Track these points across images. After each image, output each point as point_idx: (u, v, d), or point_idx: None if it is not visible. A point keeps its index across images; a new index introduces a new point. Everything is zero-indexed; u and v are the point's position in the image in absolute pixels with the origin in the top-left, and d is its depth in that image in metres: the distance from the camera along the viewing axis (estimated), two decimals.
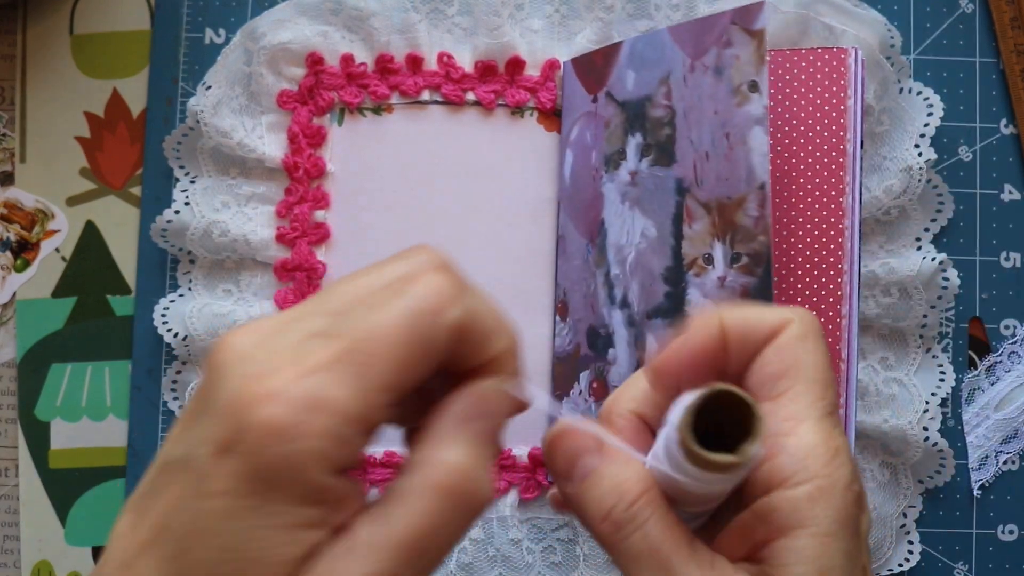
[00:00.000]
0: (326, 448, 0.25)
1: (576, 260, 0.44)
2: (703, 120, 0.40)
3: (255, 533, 0.25)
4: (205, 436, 0.25)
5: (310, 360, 0.25)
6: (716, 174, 0.40)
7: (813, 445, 0.27)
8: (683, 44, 0.41)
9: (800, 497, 0.26)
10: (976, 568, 0.46)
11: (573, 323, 0.44)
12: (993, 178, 0.47)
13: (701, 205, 0.40)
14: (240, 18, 0.48)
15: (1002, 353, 0.47)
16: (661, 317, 0.41)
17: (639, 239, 0.42)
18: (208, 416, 0.25)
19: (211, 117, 0.45)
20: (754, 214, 0.39)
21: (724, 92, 0.40)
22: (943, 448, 0.45)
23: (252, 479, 0.25)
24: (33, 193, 0.48)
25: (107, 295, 0.48)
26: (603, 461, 0.29)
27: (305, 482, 0.25)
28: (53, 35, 0.49)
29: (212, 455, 0.25)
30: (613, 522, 0.28)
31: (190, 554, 0.26)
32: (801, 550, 0.26)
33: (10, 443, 0.48)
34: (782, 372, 0.28)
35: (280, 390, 0.24)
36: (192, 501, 0.25)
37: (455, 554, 0.45)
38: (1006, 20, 0.47)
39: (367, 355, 0.25)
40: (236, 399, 0.25)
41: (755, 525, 0.27)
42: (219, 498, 0.25)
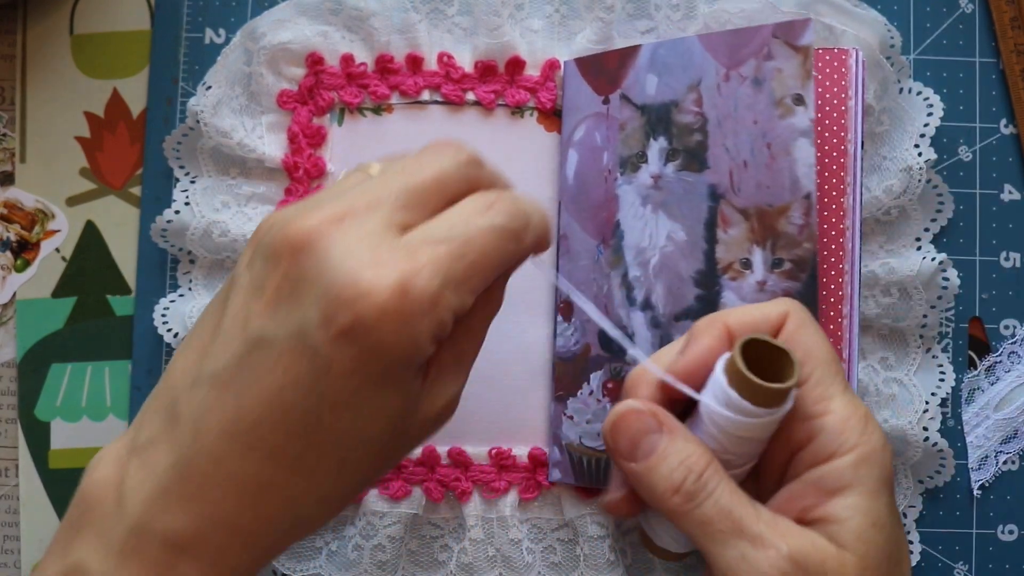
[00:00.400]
0: (436, 331, 0.29)
1: (583, 260, 0.44)
2: (740, 129, 0.41)
3: (381, 400, 0.30)
4: (316, 322, 0.28)
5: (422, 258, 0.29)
6: (756, 182, 0.41)
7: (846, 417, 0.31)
8: (716, 53, 0.42)
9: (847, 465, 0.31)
10: (976, 568, 0.46)
11: (580, 323, 0.44)
12: (993, 178, 0.47)
13: (738, 211, 0.41)
14: (240, 18, 0.48)
15: (1002, 353, 0.47)
16: (691, 319, 0.41)
17: (664, 242, 0.42)
18: (313, 301, 0.28)
19: (211, 117, 0.45)
20: (799, 222, 0.40)
21: (765, 103, 0.41)
22: (943, 448, 0.45)
23: (374, 361, 0.28)
24: (33, 193, 0.48)
25: (107, 295, 0.48)
26: (665, 439, 0.32)
27: (420, 356, 0.29)
28: (53, 35, 0.49)
29: (331, 340, 0.28)
30: (685, 493, 0.31)
31: (322, 426, 0.29)
32: (855, 506, 0.30)
33: (10, 443, 0.48)
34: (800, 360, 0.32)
35: (399, 284, 0.28)
36: (315, 381, 0.29)
37: (455, 554, 0.45)
38: (1006, 20, 0.47)
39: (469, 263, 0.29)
40: (352, 289, 0.28)
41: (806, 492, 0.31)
42: (344, 378, 0.29)
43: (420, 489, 0.45)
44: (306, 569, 0.45)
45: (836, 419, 0.31)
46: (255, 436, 0.29)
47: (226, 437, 0.29)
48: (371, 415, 0.30)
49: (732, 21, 0.45)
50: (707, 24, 0.45)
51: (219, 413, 0.29)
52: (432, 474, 0.45)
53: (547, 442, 0.46)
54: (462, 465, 0.45)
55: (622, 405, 0.32)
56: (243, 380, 0.29)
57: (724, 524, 0.31)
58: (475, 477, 0.45)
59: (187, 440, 0.30)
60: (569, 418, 0.44)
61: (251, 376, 0.29)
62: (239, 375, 0.29)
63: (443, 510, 0.45)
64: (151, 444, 0.31)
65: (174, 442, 0.30)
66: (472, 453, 0.45)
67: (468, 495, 0.45)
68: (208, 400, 0.30)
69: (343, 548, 0.45)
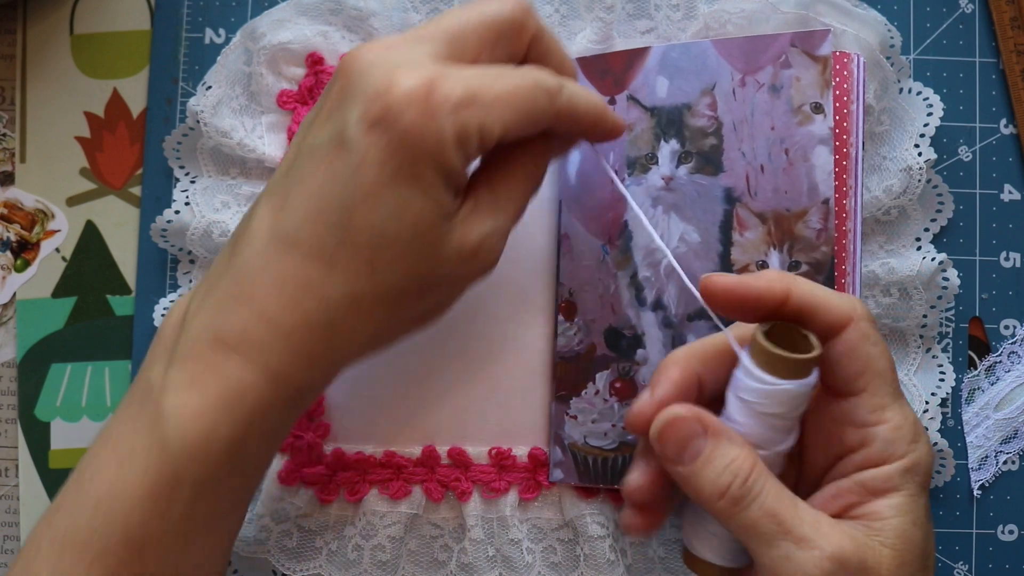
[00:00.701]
0: (460, 136, 0.32)
1: (587, 260, 0.45)
2: (757, 134, 0.42)
3: (409, 196, 0.32)
4: (354, 118, 0.32)
5: (451, 72, 0.32)
6: (773, 186, 0.41)
7: (899, 426, 0.33)
8: (731, 58, 0.42)
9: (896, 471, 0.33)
10: (976, 568, 0.46)
11: (584, 323, 0.44)
12: (993, 178, 0.47)
13: (755, 214, 0.42)
14: (240, 18, 0.48)
15: (1002, 353, 0.47)
16: (705, 319, 0.42)
17: (677, 243, 0.43)
18: (353, 102, 0.32)
19: (211, 117, 0.45)
20: (817, 226, 0.41)
21: (782, 110, 0.42)
22: (943, 448, 0.45)
23: (403, 150, 0.31)
24: (33, 193, 0.48)
25: (107, 295, 0.48)
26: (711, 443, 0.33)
27: (445, 160, 0.32)
28: (53, 35, 0.49)
29: (365, 132, 0.31)
30: (732, 498, 0.32)
31: (354, 219, 0.32)
32: (898, 507, 0.32)
33: (10, 443, 0.48)
34: (859, 372, 0.34)
35: (428, 79, 0.31)
36: (350, 174, 0.32)
37: (455, 554, 0.45)
38: (1006, 20, 0.47)
39: (496, 93, 0.32)
40: (386, 83, 0.31)
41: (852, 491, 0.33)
42: (376, 168, 0.31)
43: (420, 489, 0.45)
44: (306, 569, 0.45)
45: (889, 428, 0.33)
46: (297, 235, 0.32)
47: (274, 239, 0.33)
48: (398, 212, 0.32)
49: (732, 21, 0.45)
50: (707, 24, 0.45)
51: (267, 218, 0.33)
52: (432, 474, 0.45)
53: (547, 442, 0.46)
54: (462, 465, 0.45)
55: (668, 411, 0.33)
56: (291, 185, 0.33)
57: (769, 526, 0.32)
58: (475, 477, 0.45)
59: (243, 248, 0.33)
60: (572, 418, 0.44)
61: (298, 180, 0.33)
62: (288, 182, 0.33)
63: (443, 510, 0.45)
64: (216, 265, 0.35)
65: (230, 259, 0.34)
66: (472, 453, 0.45)
67: (468, 495, 0.45)
68: (259, 210, 0.34)
69: (343, 548, 0.45)
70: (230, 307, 0.33)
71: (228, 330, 0.33)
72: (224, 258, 0.35)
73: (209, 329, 0.33)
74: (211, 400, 0.32)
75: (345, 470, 0.45)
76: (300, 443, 0.45)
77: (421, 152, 0.31)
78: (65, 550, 0.33)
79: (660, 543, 0.45)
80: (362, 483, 0.45)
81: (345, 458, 0.45)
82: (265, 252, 0.33)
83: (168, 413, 0.32)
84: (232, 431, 0.33)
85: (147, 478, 0.32)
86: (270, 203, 0.33)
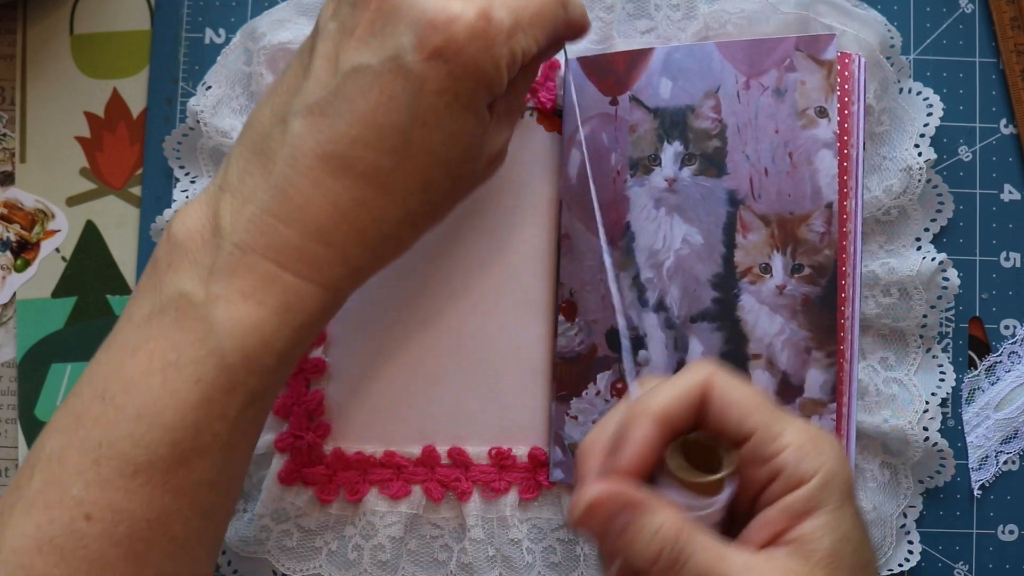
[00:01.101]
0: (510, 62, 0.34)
1: (587, 261, 0.45)
2: (761, 137, 0.42)
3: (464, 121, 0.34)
4: (409, 45, 0.33)
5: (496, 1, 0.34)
6: (777, 189, 0.42)
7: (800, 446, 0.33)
8: (735, 61, 0.43)
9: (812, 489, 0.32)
10: (976, 568, 0.46)
11: (585, 324, 0.44)
12: (993, 178, 0.47)
13: (758, 217, 0.42)
14: (240, 18, 0.48)
15: (1002, 353, 0.47)
16: (707, 321, 0.42)
17: (680, 245, 0.43)
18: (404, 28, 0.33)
19: (211, 117, 0.45)
20: (820, 230, 0.41)
21: (787, 113, 0.42)
22: (943, 448, 0.45)
23: (464, 80, 0.33)
24: (33, 193, 0.48)
25: (107, 295, 0.48)
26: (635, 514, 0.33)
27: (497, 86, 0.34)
28: (53, 35, 0.49)
29: (424, 60, 0.33)
30: (664, 564, 0.32)
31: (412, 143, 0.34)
32: (824, 525, 0.32)
33: (10, 443, 0.48)
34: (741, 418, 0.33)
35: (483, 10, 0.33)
36: (409, 100, 0.33)
37: (455, 554, 0.45)
38: (1006, 20, 0.47)
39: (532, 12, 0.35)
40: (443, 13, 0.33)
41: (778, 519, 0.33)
42: (435, 96, 0.33)
43: (420, 489, 0.45)
44: (306, 569, 0.45)
45: (792, 452, 0.33)
46: (351, 156, 0.34)
47: (324, 159, 0.34)
48: (454, 136, 0.35)
49: (732, 21, 0.45)
50: (707, 24, 0.45)
51: (315, 138, 0.34)
52: (432, 474, 0.45)
53: (547, 442, 0.45)
54: (462, 465, 0.45)
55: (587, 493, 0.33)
56: (339, 106, 0.34)
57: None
58: (475, 477, 0.45)
59: (283, 167, 0.34)
60: (573, 418, 0.44)
61: (347, 101, 0.33)
62: (334, 103, 0.34)
63: (443, 510, 0.45)
64: (243, 179, 0.35)
65: (269, 172, 0.34)
66: (472, 453, 0.45)
67: (468, 495, 0.45)
68: (303, 129, 0.34)
69: (343, 548, 0.45)
70: (278, 224, 0.34)
71: (282, 246, 0.34)
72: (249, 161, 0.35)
73: (258, 244, 0.34)
74: (268, 313, 0.34)
75: (345, 470, 0.45)
76: (300, 443, 0.45)
77: (480, 81, 0.34)
78: (102, 461, 0.32)
79: None
80: (362, 483, 0.45)
81: (345, 458, 0.45)
82: (314, 172, 0.34)
83: (222, 325, 0.33)
84: (286, 342, 0.34)
85: (199, 388, 0.33)
86: (312, 123, 0.34)
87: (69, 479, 0.33)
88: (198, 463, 0.33)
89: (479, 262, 0.46)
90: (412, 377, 0.46)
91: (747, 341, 0.42)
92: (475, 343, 0.46)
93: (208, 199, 0.35)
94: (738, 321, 0.42)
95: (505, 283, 0.46)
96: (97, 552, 0.32)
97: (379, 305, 0.46)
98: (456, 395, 0.46)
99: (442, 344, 0.46)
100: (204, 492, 0.34)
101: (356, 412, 0.46)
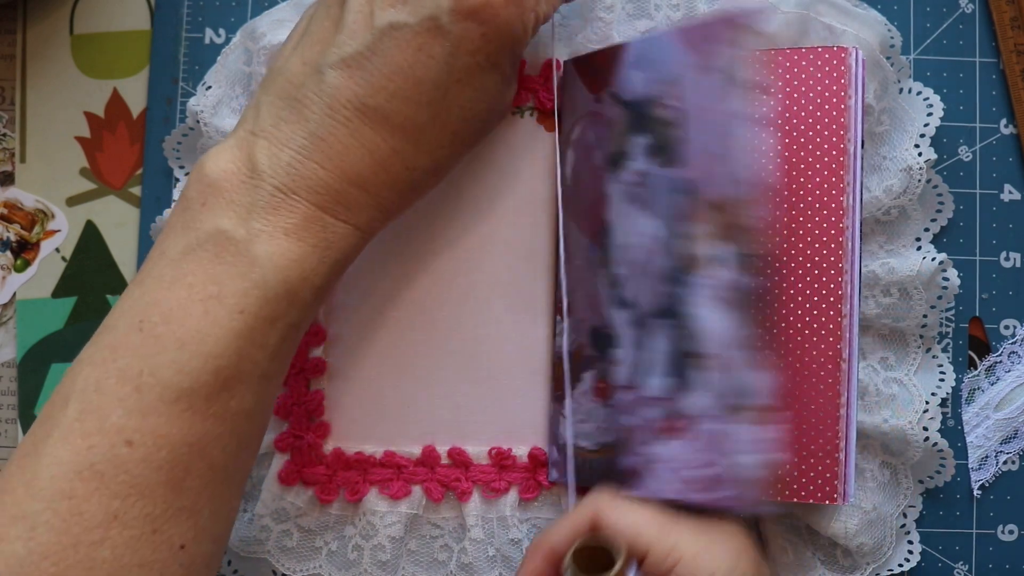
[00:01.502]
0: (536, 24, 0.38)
1: (577, 260, 0.44)
2: (714, 122, 0.40)
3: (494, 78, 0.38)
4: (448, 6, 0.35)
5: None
6: (726, 176, 0.40)
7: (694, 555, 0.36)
8: (691, 45, 0.41)
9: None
10: (976, 568, 0.46)
11: (574, 323, 0.44)
12: (993, 178, 0.47)
13: (711, 206, 0.40)
14: (240, 18, 0.48)
15: (1002, 353, 0.47)
16: (665, 318, 0.41)
17: (646, 239, 0.42)
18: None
19: (211, 117, 0.45)
20: (760, 214, 0.39)
21: (733, 94, 0.40)
22: (943, 448, 0.45)
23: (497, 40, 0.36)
24: (33, 193, 0.48)
25: (107, 295, 0.48)
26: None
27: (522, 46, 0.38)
28: (53, 35, 0.49)
29: (461, 20, 0.35)
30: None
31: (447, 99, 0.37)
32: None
33: (10, 443, 0.48)
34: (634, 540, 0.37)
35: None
36: (446, 58, 0.36)
37: (455, 554, 0.45)
38: (1006, 20, 0.47)
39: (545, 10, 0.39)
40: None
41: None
42: (470, 56, 0.36)
43: (420, 489, 0.45)
44: (306, 569, 0.45)
45: (689, 559, 0.36)
46: (389, 109, 0.36)
47: (361, 110, 0.36)
48: (483, 92, 0.38)
49: None
50: None
51: (353, 90, 0.36)
52: (432, 474, 0.45)
53: (547, 442, 0.46)
54: (462, 465, 0.45)
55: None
56: (377, 60, 0.36)
57: None
58: (475, 477, 0.45)
59: (320, 116, 0.36)
60: (565, 418, 0.44)
61: (384, 56, 0.36)
62: (372, 57, 0.36)
63: (443, 510, 0.45)
64: (278, 125, 0.36)
65: (306, 119, 0.36)
66: (472, 453, 0.45)
67: (468, 495, 0.45)
68: (340, 81, 0.36)
69: (343, 548, 0.45)
70: (318, 168, 0.36)
71: (322, 189, 0.36)
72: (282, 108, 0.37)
73: (299, 187, 0.36)
74: (309, 249, 0.36)
75: (345, 470, 0.45)
76: (300, 443, 0.45)
77: (510, 42, 0.37)
78: (143, 388, 0.33)
79: None
80: (362, 483, 0.45)
81: (345, 458, 0.45)
82: (352, 122, 0.36)
83: (264, 260, 0.35)
84: (323, 278, 0.37)
85: (243, 319, 0.34)
86: (349, 75, 0.36)
87: (108, 407, 0.33)
88: (238, 390, 0.35)
89: (479, 262, 0.46)
90: (412, 377, 0.46)
91: (699, 340, 0.40)
92: (475, 343, 0.46)
93: (240, 143, 0.37)
94: (691, 318, 0.40)
95: (505, 283, 0.46)
96: (139, 477, 0.33)
97: (379, 305, 0.46)
98: (456, 395, 0.46)
99: (442, 344, 0.46)
100: (241, 420, 0.35)
101: (356, 412, 0.46)
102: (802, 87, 0.42)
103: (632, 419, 0.42)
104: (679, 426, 0.40)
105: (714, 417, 0.39)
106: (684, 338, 0.40)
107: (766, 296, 0.40)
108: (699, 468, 0.40)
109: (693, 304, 0.40)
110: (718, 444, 0.39)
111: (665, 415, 0.40)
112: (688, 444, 0.40)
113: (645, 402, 0.41)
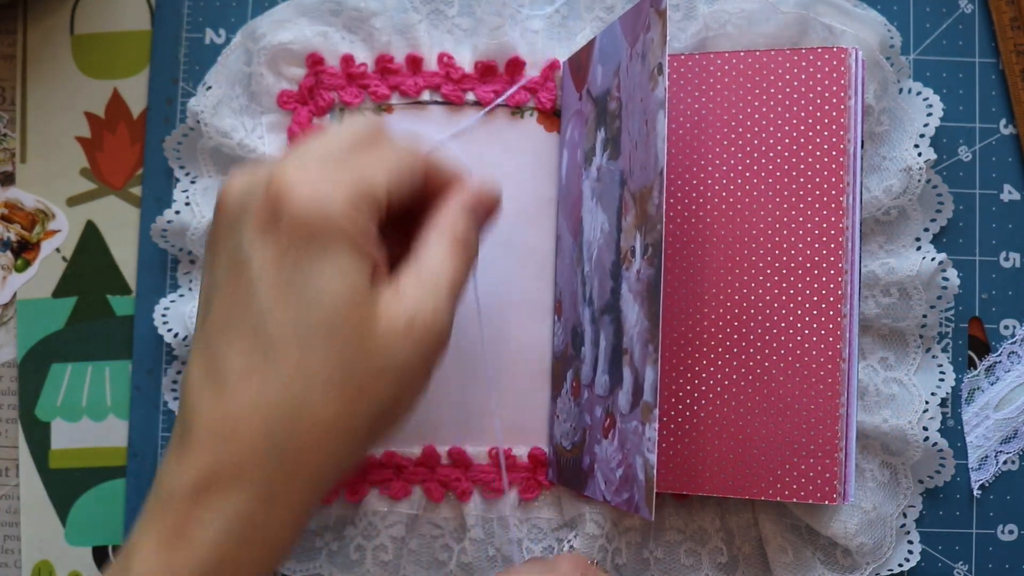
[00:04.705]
0: (352, 199, 0.31)
1: (566, 259, 0.45)
2: (634, 109, 0.40)
3: (314, 278, 0.31)
4: (248, 232, 0.31)
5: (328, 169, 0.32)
6: (641, 163, 0.39)
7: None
8: (627, 33, 0.40)
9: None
10: (976, 568, 0.46)
11: (564, 322, 0.45)
12: (993, 178, 0.47)
13: (632, 196, 0.39)
14: (240, 18, 0.48)
15: (1002, 353, 0.47)
16: (608, 313, 0.41)
17: (599, 234, 0.42)
18: (245, 218, 0.32)
19: (211, 117, 0.45)
20: (656, 202, 0.38)
21: (646, 78, 0.39)
22: (943, 448, 0.45)
23: (297, 232, 0.31)
24: (33, 193, 0.48)
25: (107, 295, 0.48)
26: None
27: (342, 224, 0.31)
28: (53, 35, 0.49)
29: (257, 238, 0.31)
30: None
31: (269, 323, 0.31)
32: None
33: (10, 443, 0.48)
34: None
35: (298, 160, 0.32)
36: (252, 284, 0.31)
37: (455, 554, 0.45)
38: (1006, 20, 0.47)
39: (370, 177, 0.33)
40: (272, 185, 0.31)
41: None
42: (275, 266, 0.31)
43: (420, 489, 0.45)
44: (306, 569, 0.45)
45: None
46: (222, 351, 0.32)
47: (203, 377, 0.32)
48: (316, 297, 0.31)
49: (732, 21, 0.45)
50: (707, 24, 0.45)
51: (200, 320, 0.33)
52: (432, 474, 0.45)
53: (547, 442, 0.46)
54: (462, 465, 0.45)
55: None
56: (204, 318, 0.33)
57: None
58: (475, 477, 0.45)
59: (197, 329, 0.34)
60: (556, 417, 0.44)
61: (207, 308, 0.33)
62: (208, 300, 0.33)
63: (443, 510, 0.45)
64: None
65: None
66: (472, 453, 0.45)
67: (468, 495, 0.45)
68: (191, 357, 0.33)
69: (344, 548, 0.45)
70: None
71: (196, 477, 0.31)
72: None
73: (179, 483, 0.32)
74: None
75: None
76: None
77: (317, 226, 0.31)
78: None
79: (657, 544, 0.45)
80: (362, 483, 0.45)
81: None
82: (196, 349, 0.33)
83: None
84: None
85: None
86: (203, 305, 0.34)
87: None
88: None
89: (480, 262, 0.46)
90: None
91: (625, 336, 0.39)
92: (476, 343, 0.46)
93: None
94: (620, 313, 0.40)
95: (506, 283, 0.46)
96: None
97: None
98: (456, 395, 0.46)
99: None
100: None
101: None
102: (802, 87, 0.42)
103: (589, 418, 0.42)
104: (608, 425, 0.40)
105: (624, 416, 0.39)
106: (617, 334, 0.40)
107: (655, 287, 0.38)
108: (616, 468, 0.40)
109: (623, 299, 0.40)
110: (624, 443, 0.39)
111: (605, 414, 0.41)
112: (611, 444, 0.40)
113: (596, 400, 0.41)
